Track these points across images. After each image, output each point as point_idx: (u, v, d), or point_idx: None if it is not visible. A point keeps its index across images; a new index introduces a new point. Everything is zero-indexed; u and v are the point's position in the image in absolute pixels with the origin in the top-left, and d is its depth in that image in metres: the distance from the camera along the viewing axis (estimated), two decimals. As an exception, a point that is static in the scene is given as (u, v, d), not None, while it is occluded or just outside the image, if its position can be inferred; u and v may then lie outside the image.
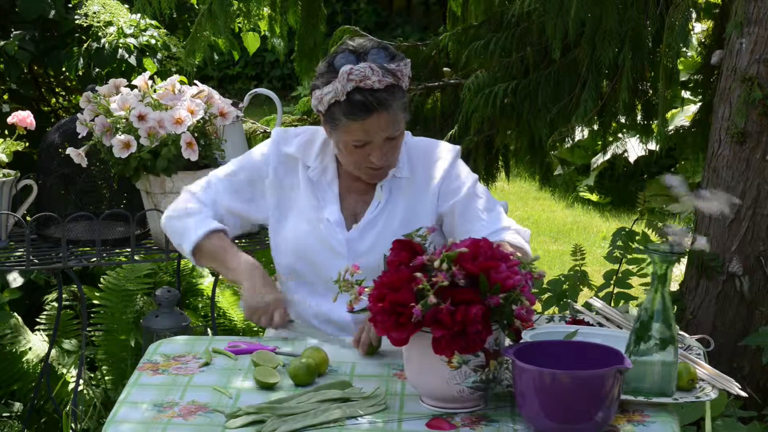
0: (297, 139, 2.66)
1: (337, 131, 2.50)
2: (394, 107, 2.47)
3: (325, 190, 2.62)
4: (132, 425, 2.10)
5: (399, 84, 2.48)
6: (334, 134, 2.53)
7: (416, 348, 2.08)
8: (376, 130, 2.47)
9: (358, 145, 2.49)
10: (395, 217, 2.59)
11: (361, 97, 2.43)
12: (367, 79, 2.42)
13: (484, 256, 2.06)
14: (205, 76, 9.91)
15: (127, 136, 3.00)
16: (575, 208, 7.40)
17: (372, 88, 2.43)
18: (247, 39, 4.88)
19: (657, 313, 2.13)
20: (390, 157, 2.54)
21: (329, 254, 2.58)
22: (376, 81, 2.43)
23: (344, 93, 2.44)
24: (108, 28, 4.18)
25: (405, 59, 2.51)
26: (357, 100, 2.43)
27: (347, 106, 2.44)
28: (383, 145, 2.50)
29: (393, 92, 2.46)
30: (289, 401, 2.15)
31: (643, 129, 4.33)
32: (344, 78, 2.43)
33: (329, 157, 2.63)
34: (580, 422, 2.00)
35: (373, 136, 2.48)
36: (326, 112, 2.50)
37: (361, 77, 2.42)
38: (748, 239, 3.49)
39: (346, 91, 2.43)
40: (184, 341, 2.54)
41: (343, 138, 2.50)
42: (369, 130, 2.47)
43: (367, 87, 2.43)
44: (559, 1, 3.87)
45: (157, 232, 3.18)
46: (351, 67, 2.43)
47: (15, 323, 3.97)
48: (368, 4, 11.21)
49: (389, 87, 2.45)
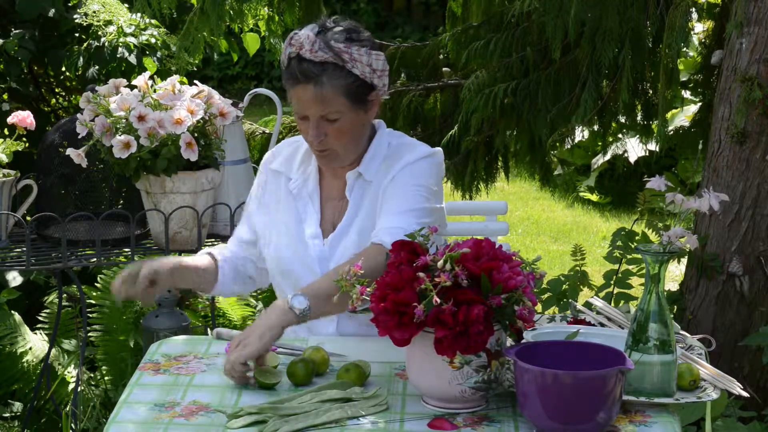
0: (283, 153, 2.67)
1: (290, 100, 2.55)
2: (327, 85, 2.45)
3: (306, 203, 2.61)
4: (133, 425, 2.09)
5: (341, 65, 2.46)
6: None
7: (418, 348, 2.08)
8: (307, 102, 2.47)
9: (299, 116, 2.51)
10: (360, 225, 2.56)
11: (295, 64, 2.46)
12: (301, 47, 2.44)
13: (486, 257, 2.06)
14: (205, 76, 9.92)
15: (127, 137, 3.00)
16: (575, 208, 7.41)
17: (302, 58, 2.45)
18: (247, 40, 4.88)
19: (653, 314, 2.13)
20: (333, 142, 2.51)
21: (305, 270, 2.56)
22: (308, 51, 2.44)
23: (286, 57, 2.47)
24: (108, 27, 4.18)
25: (366, 48, 2.49)
26: (290, 66, 2.47)
27: (285, 71, 2.49)
28: (319, 124, 2.49)
29: (326, 69, 2.45)
30: (290, 401, 2.14)
31: (643, 129, 4.33)
32: (287, 42, 2.47)
33: (312, 167, 2.63)
34: (581, 422, 2.00)
35: (306, 109, 2.48)
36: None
37: (298, 44, 2.45)
38: (748, 239, 3.49)
39: (286, 55, 2.47)
40: (186, 341, 2.54)
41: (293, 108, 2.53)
42: (300, 100, 2.48)
43: (296, 56, 2.45)
44: (559, 1, 3.87)
45: (157, 232, 3.18)
46: (294, 32, 2.47)
47: (15, 323, 3.97)
48: (368, 4, 11.21)
49: (324, 63, 2.44)
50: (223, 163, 3.17)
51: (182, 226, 3.14)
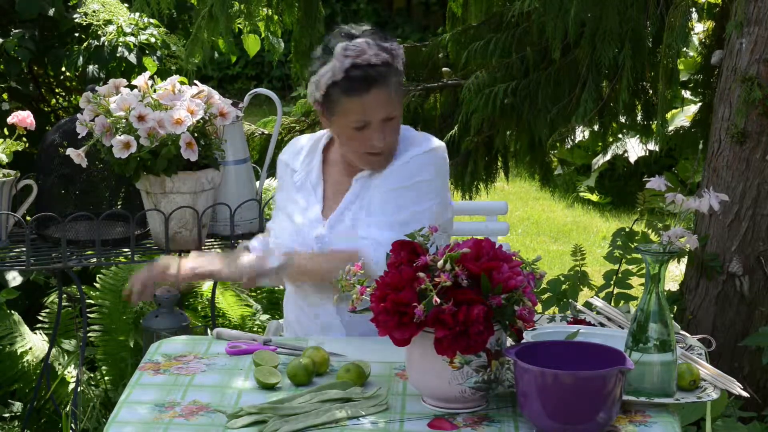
0: (292, 146, 2.72)
1: (337, 115, 2.51)
2: (391, 85, 2.48)
3: (310, 193, 2.65)
4: (133, 425, 2.09)
5: (394, 63, 2.49)
6: (333, 121, 2.53)
7: (418, 348, 2.08)
8: (375, 107, 2.47)
9: (358, 127, 2.49)
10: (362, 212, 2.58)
11: (360, 72, 2.44)
12: (363, 53, 2.44)
13: (486, 257, 2.06)
14: (205, 76, 9.91)
15: (127, 137, 2.99)
16: (575, 208, 7.40)
17: (369, 63, 2.44)
18: (248, 41, 4.88)
19: (653, 314, 2.13)
20: (390, 140, 2.53)
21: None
22: (373, 55, 2.44)
23: (342, 70, 2.45)
24: (107, 27, 4.18)
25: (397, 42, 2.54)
26: (355, 75, 2.45)
27: (346, 82, 2.45)
28: (382, 127, 2.50)
29: (389, 69, 2.47)
30: (290, 401, 2.14)
31: (643, 129, 4.33)
32: (341, 54, 2.44)
33: (316, 160, 2.66)
34: (581, 422, 2.00)
35: (372, 115, 2.48)
36: (324, 97, 2.50)
37: (357, 52, 2.44)
38: (748, 239, 3.49)
39: (345, 67, 2.44)
40: (186, 341, 2.54)
41: (343, 121, 2.50)
42: (368, 107, 2.47)
43: (364, 62, 2.44)
44: (559, 1, 3.87)
45: (156, 231, 3.18)
46: (347, 43, 2.45)
47: (15, 323, 3.97)
48: (368, 4, 11.21)
49: (385, 63, 2.47)
50: (223, 163, 3.17)
51: (182, 226, 3.14)
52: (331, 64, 2.46)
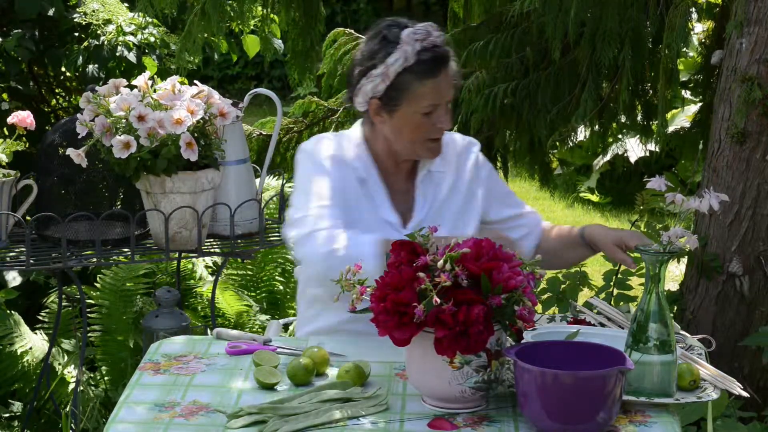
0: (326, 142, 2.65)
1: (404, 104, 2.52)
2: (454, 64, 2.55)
3: (374, 190, 2.63)
4: (134, 425, 2.10)
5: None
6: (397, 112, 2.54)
7: (418, 348, 2.08)
8: (446, 86, 2.53)
9: (427, 112, 2.53)
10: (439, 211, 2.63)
11: (430, 54, 2.49)
12: (429, 35, 2.50)
13: (486, 257, 2.06)
14: (205, 76, 9.92)
15: (127, 137, 2.99)
16: (575, 209, 7.40)
17: (435, 44, 2.50)
18: (247, 42, 4.88)
19: (653, 314, 2.13)
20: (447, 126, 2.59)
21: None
22: (438, 37, 2.51)
23: (414, 53, 2.48)
24: (107, 27, 4.18)
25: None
26: (428, 57, 2.49)
27: (420, 66, 2.49)
28: (447, 108, 2.56)
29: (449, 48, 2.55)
30: (290, 401, 2.14)
31: (643, 129, 4.32)
32: (411, 39, 2.49)
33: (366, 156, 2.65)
34: (581, 422, 2.00)
35: (442, 97, 2.53)
36: (389, 89, 2.51)
37: (424, 35, 2.49)
38: (748, 239, 3.48)
39: (416, 50, 2.48)
40: (186, 341, 2.54)
41: (412, 109, 2.52)
42: (440, 88, 2.52)
43: (431, 44, 2.49)
44: (559, 2, 3.86)
45: (156, 231, 3.18)
46: (412, 29, 2.50)
47: (15, 323, 3.97)
48: (368, 4, 11.20)
49: (446, 42, 2.54)
50: (223, 163, 3.17)
51: (182, 226, 3.14)
52: (401, 51, 2.49)
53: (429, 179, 2.66)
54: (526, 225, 2.80)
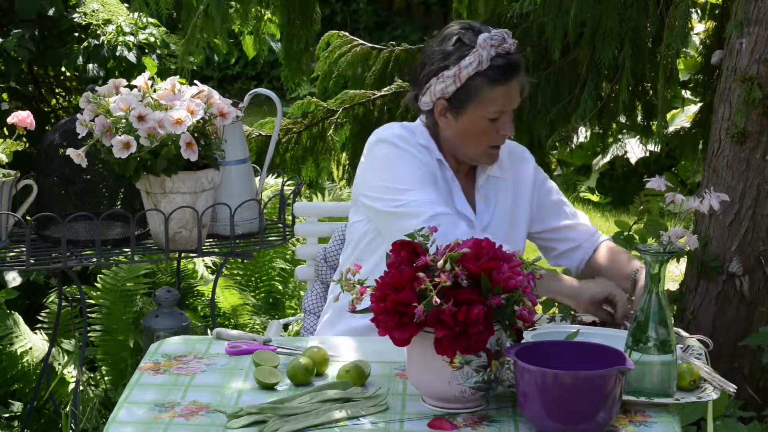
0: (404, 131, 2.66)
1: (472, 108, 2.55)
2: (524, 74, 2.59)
3: (451, 182, 2.66)
4: (133, 425, 2.09)
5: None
6: (464, 115, 2.56)
7: (418, 348, 2.08)
8: (515, 94, 2.56)
9: (494, 118, 2.55)
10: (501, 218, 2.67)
11: (503, 60, 2.52)
12: (504, 42, 2.52)
13: (486, 257, 2.06)
14: (205, 76, 9.92)
15: (127, 137, 2.99)
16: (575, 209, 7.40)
17: (508, 52, 2.53)
18: (246, 43, 4.88)
19: (653, 314, 2.13)
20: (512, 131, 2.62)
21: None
22: (512, 44, 2.54)
23: (488, 59, 2.51)
24: (107, 26, 4.18)
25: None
26: (501, 63, 2.52)
27: (493, 71, 2.52)
28: (511, 116, 2.59)
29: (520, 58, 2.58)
30: (290, 401, 2.14)
31: (643, 129, 4.32)
32: (487, 44, 2.50)
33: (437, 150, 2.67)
34: (581, 422, 2.00)
35: (510, 104, 2.56)
36: (459, 91, 2.53)
37: (499, 41, 2.52)
38: (748, 239, 3.48)
39: (491, 55, 2.51)
40: (186, 341, 2.54)
41: (479, 113, 2.55)
42: (509, 95, 2.55)
43: (505, 51, 2.52)
44: (558, 2, 3.87)
45: (156, 231, 3.18)
46: (489, 34, 2.51)
47: (15, 323, 3.97)
48: (368, 4, 11.20)
49: (518, 52, 2.57)
50: (223, 163, 3.17)
51: (182, 226, 3.14)
52: (476, 55, 2.50)
53: (488, 184, 2.70)
54: (575, 239, 2.81)
